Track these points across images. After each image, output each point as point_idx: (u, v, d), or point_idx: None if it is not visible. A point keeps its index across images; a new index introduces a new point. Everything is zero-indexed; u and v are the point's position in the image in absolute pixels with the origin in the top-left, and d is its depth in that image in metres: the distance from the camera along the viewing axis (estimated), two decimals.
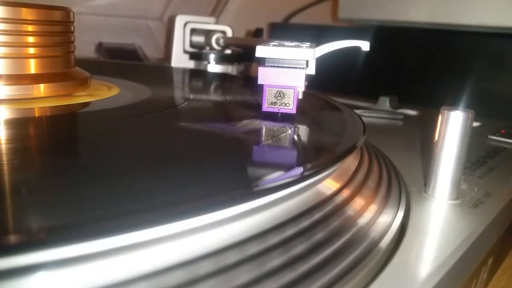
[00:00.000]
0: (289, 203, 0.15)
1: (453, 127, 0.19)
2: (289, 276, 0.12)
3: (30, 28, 0.24)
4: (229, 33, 0.49)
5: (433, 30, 0.52)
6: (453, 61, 0.50)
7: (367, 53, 0.26)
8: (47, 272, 0.09)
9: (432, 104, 0.34)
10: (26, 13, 0.24)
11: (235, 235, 0.13)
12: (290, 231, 0.14)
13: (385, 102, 0.42)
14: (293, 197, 0.15)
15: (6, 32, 0.23)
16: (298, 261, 0.13)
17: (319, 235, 0.14)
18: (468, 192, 0.22)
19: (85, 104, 0.25)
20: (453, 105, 0.20)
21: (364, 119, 0.25)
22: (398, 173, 0.24)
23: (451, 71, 0.49)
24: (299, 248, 0.13)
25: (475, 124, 0.38)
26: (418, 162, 0.26)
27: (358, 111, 0.38)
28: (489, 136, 0.34)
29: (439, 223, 0.19)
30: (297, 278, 0.12)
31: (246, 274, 0.12)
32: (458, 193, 0.21)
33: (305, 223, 0.15)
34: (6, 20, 0.23)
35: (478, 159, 0.28)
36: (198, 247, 0.12)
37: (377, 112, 0.40)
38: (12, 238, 0.09)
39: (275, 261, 0.12)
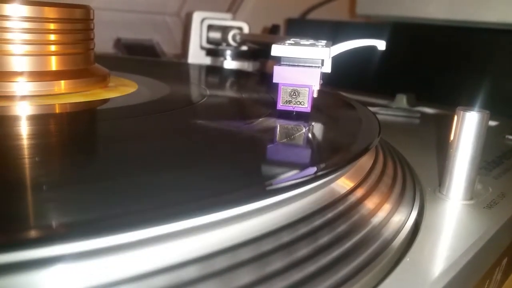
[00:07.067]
0: (302, 202, 0.15)
1: (468, 127, 0.19)
2: (298, 275, 0.12)
3: (52, 26, 0.25)
4: (246, 30, 0.49)
5: (452, 27, 0.51)
6: (472, 59, 0.49)
7: (385, 49, 0.26)
8: (67, 265, 0.10)
9: (450, 102, 0.33)
10: (49, 12, 0.24)
11: (251, 232, 0.13)
12: (305, 229, 0.14)
13: (402, 100, 0.41)
14: (306, 196, 0.15)
15: (29, 31, 0.24)
16: (308, 260, 0.13)
17: (334, 233, 0.15)
18: (483, 192, 0.22)
19: (105, 101, 0.25)
20: (470, 104, 0.20)
21: (380, 117, 0.25)
22: (413, 172, 0.24)
23: (470, 69, 0.48)
24: (313, 246, 0.14)
25: (493, 123, 0.37)
26: (434, 162, 0.26)
27: (374, 109, 0.38)
28: (506, 136, 0.33)
29: (452, 223, 0.19)
30: (308, 276, 0.12)
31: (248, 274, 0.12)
32: (472, 194, 0.21)
33: (320, 221, 0.15)
34: (29, 19, 0.24)
35: (494, 159, 0.28)
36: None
37: (394, 110, 0.39)
38: (34, 233, 0.10)
39: (280, 262, 0.13)
